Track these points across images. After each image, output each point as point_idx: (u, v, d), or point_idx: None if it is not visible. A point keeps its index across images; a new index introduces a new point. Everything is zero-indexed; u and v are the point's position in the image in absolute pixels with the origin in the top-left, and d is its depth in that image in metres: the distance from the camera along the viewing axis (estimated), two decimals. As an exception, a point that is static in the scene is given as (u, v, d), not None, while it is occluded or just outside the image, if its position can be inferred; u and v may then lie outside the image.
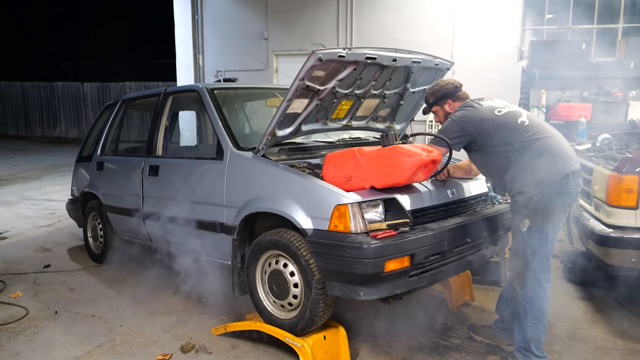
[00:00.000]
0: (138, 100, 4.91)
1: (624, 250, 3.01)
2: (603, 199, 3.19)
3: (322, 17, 8.99)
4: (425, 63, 3.28)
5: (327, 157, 2.77)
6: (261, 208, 2.94)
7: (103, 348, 3.04)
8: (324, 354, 2.73)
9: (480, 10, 8.03)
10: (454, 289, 3.48)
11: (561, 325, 3.27)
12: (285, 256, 2.80)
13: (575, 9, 7.87)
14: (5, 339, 3.17)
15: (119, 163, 4.47)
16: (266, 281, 2.94)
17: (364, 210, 2.55)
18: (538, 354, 2.65)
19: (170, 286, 3.92)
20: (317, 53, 2.62)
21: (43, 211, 6.97)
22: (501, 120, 2.67)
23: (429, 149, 2.64)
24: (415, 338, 3.02)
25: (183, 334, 3.20)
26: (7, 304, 3.71)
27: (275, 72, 9.58)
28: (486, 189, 3.36)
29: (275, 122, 2.89)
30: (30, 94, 17.75)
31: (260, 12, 9.47)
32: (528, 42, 7.63)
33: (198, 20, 9.93)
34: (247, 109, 4.44)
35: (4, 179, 9.73)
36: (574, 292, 3.85)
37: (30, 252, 5.08)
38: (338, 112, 3.27)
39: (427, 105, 3.03)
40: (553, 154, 2.57)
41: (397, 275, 2.54)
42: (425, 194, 2.85)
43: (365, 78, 3.08)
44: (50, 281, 4.24)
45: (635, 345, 3.03)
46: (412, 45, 4.00)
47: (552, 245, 2.63)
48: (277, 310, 2.92)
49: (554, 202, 2.55)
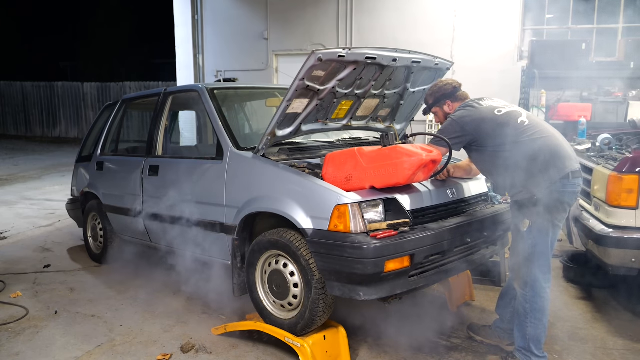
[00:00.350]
0: (138, 100, 4.91)
1: (624, 250, 3.01)
2: (603, 199, 3.19)
3: (322, 17, 9.00)
4: (425, 63, 3.28)
5: (327, 157, 2.77)
6: (261, 208, 2.94)
7: (103, 348, 3.04)
8: (324, 354, 2.73)
9: (480, 10, 8.03)
10: (454, 289, 3.48)
11: (561, 325, 3.27)
12: (285, 256, 2.80)
13: (575, 9, 7.87)
14: (5, 339, 3.17)
15: (119, 163, 4.46)
16: (266, 281, 2.94)
17: (364, 210, 2.55)
18: (538, 354, 2.65)
19: (170, 286, 3.92)
20: (317, 53, 2.62)
21: (43, 211, 6.97)
22: (501, 120, 2.67)
23: (429, 149, 2.64)
24: (416, 338, 3.02)
25: (183, 334, 3.20)
26: (7, 304, 3.71)
27: (275, 72, 9.59)
28: (486, 189, 3.36)
29: (275, 122, 2.89)
30: (30, 94, 17.74)
31: (260, 12, 9.47)
32: (528, 42, 7.63)
33: (198, 20, 9.93)
34: (247, 109, 4.44)
35: (4, 179, 9.73)
36: (574, 292, 3.86)
37: (30, 252, 5.08)
38: (338, 112, 3.27)
39: (427, 106, 3.04)
40: (553, 153, 2.57)
41: (397, 275, 2.54)
42: (425, 194, 2.85)
43: (365, 78, 3.08)
44: (50, 281, 4.24)
45: (635, 345, 3.03)
46: (412, 45, 4.00)
47: (552, 245, 2.63)
48: (277, 310, 2.92)
49: (554, 201, 2.55)
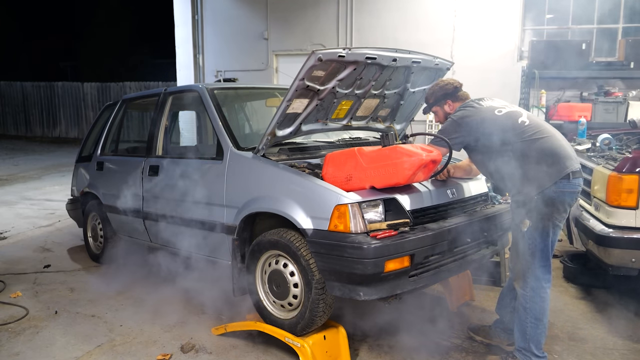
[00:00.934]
0: (138, 100, 4.91)
1: (624, 250, 3.01)
2: (603, 199, 3.19)
3: (322, 17, 8.99)
4: (425, 63, 3.28)
5: (327, 157, 2.77)
6: (261, 208, 2.93)
7: (103, 348, 3.04)
8: (324, 354, 2.73)
9: (480, 10, 8.02)
10: (454, 289, 3.48)
11: (561, 325, 3.27)
12: (285, 256, 2.80)
13: (575, 9, 7.87)
14: (5, 339, 3.17)
15: (119, 163, 4.46)
16: (266, 281, 2.94)
17: (364, 210, 2.55)
18: (538, 354, 2.65)
19: (170, 286, 3.92)
20: (317, 53, 2.62)
21: (43, 211, 6.97)
22: (501, 120, 2.66)
23: (429, 149, 2.64)
24: (416, 338, 3.02)
25: (183, 334, 3.20)
26: (7, 304, 3.71)
27: (275, 72, 9.58)
28: (486, 189, 3.36)
29: (275, 122, 2.89)
30: (30, 94, 17.74)
31: (260, 12, 9.46)
32: (528, 42, 7.63)
33: (198, 20, 9.92)
34: (247, 109, 4.44)
35: (4, 179, 9.73)
36: (574, 292, 3.86)
37: (30, 252, 5.08)
38: (338, 112, 3.27)
39: (427, 105, 3.04)
40: (553, 153, 2.57)
41: (397, 275, 2.54)
42: (425, 194, 2.85)
43: (365, 78, 3.08)
44: (50, 281, 4.24)
45: (635, 345, 3.03)
46: (412, 45, 3.99)
47: (552, 245, 2.63)
48: (277, 310, 2.92)
49: (554, 202, 2.55)
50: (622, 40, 7.32)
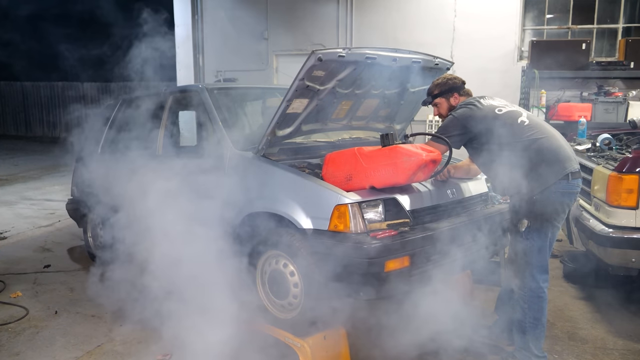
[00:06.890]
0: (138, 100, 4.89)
1: (624, 250, 3.01)
2: (603, 199, 3.19)
3: (322, 17, 8.98)
4: (425, 63, 3.28)
5: (327, 157, 2.77)
6: (261, 208, 2.93)
7: (103, 348, 3.04)
8: (324, 354, 2.73)
9: (480, 10, 8.02)
10: (454, 289, 3.47)
11: (561, 325, 3.27)
12: (285, 256, 2.80)
13: (575, 9, 7.87)
14: (5, 339, 3.17)
15: (119, 162, 4.45)
16: (266, 281, 2.94)
17: (364, 210, 2.55)
18: (538, 353, 2.65)
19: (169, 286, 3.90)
20: (317, 53, 2.62)
21: (43, 211, 6.97)
22: (501, 119, 2.66)
23: (429, 149, 2.64)
24: (416, 338, 3.01)
25: (183, 334, 3.19)
26: (7, 304, 3.71)
27: (275, 72, 9.57)
28: (486, 189, 3.36)
29: (275, 122, 2.89)
30: (30, 94, 17.74)
31: (260, 12, 9.46)
32: (528, 42, 7.63)
33: (198, 20, 9.92)
34: (247, 109, 4.43)
35: (4, 179, 9.72)
36: (574, 292, 3.85)
37: (30, 252, 5.08)
38: (338, 112, 3.27)
39: (431, 96, 2.97)
40: (552, 154, 2.57)
41: (397, 275, 2.54)
42: (425, 194, 2.85)
43: (365, 78, 3.08)
44: (50, 281, 4.24)
45: (635, 345, 3.03)
46: (412, 45, 4.00)
47: (550, 246, 2.63)
48: (277, 310, 2.91)
49: (553, 202, 2.55)
50: (622, 40, 7.32)
